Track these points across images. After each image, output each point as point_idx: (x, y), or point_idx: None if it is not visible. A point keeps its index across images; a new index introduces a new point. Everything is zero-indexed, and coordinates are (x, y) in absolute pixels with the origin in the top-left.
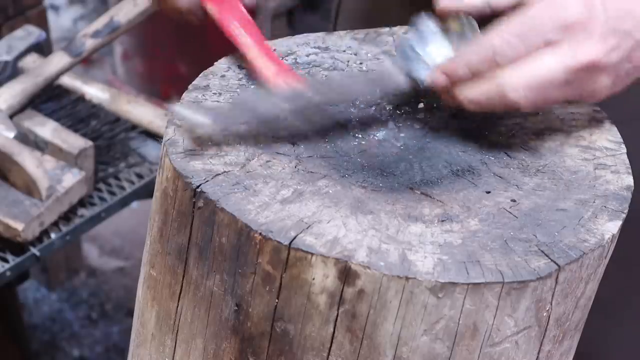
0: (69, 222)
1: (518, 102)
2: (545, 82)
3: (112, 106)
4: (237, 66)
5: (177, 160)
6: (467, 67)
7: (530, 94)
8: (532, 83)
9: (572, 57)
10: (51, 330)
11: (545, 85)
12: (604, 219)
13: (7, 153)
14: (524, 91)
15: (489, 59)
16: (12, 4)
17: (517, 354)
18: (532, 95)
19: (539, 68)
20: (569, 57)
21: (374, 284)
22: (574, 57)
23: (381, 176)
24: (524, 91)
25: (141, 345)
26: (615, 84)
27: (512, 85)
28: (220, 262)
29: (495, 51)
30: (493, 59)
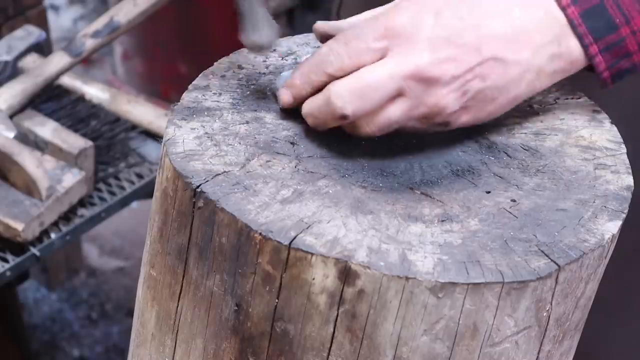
0: (69, 222)
1: (343, 109)
2: (370, 88)
3: (112, 106)
4: (237, 66)
5: (177, 160)
6: (302, 77)
7: (356, 101)
8: (356, 89)
9: (396, 64)
10: (51, 330)
11: (370, 91)
12: (604, 219)
13: (7, 153)
14: (349, 97)
15: (317, 66)
16: (12, 4)
17: (517, 354)
18: (358, 103)
19: (363, 75)
20: (393, 64)
21: (374, 284)
22: (397, 64)
23: (381, 176)
24: (349, 97)
25: (141, 345)
26: (468, 103)
27: (336, 91)
28: (220, 262)
29: (321, 58)
30: (320, 67)
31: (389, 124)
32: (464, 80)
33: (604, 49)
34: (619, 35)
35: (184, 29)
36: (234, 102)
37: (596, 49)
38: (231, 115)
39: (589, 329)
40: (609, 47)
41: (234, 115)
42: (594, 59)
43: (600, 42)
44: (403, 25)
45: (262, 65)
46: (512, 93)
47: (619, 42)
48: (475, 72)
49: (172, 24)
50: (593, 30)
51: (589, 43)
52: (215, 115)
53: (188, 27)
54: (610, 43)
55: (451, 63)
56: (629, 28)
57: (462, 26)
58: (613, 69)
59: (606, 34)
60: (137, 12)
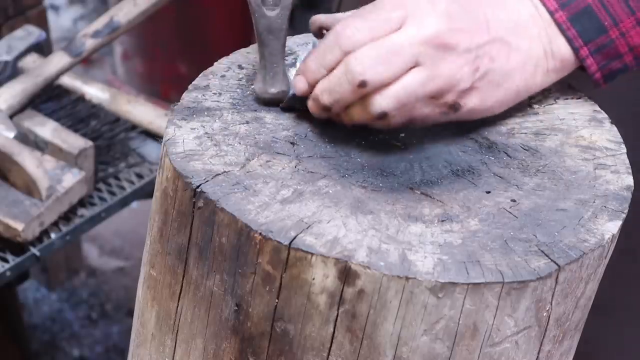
0: (69, 222)
1: (363, 74)
2: (390, 54)
3: (112, 106)
4: (237, 66)
5: (177, 160)
6: (317, 59)
7: (376, 66)
8: (376, 54)
9: (416, 30)
10: (51, 330)
11: (390, 56)
12: (604, 219)
13: (7, 153)
14: (369, 62)
15: (334, 45)
16: (12, 4)
17: (517, 354)
18: (378, 68)
19: (382, 42)
20: (413, 30)
21: (374, 284)
22: (417, 31)
23: (381, 176)
24: (369, 62)
25: (141, 345)
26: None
27: (356, 58)
28: (220, 262)
29: (337, 36)
30: (337, 44)
31: (405, 96)
32: (476, 55)
33: (594, 51)
34: (609, 37)
35: (184, 29)
36: (234, 102)
37: (587, 51)
38: (231, 115)
39: (589, 329)
40: (600, 49)
41: (234, 115)
42: (585, 60)
43: (591, 44)
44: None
45: None
46: (515, 81)
47: (609, 44)
48: (485, 49)
49: (172, 24)
50: (582, 34)
51: (579, 46)
52: (215, 115)
53: (188, 27)
54: (601, 45)
55: (466, 34)
56: (618, 30)
57: (472, 7)
58: (605, 69)
59: (596, 37)
60: (137, 12)
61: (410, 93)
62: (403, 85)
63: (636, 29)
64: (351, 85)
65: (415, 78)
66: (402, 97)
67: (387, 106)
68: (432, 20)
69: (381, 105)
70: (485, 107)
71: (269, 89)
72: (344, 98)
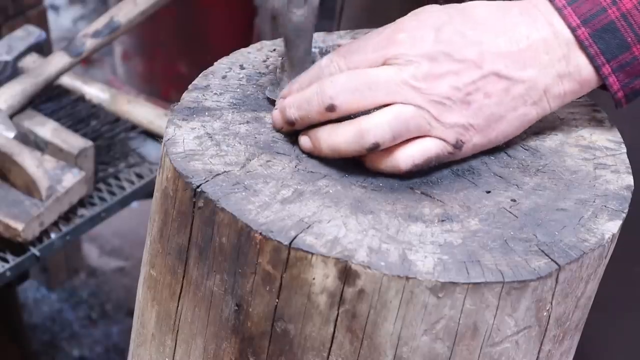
0: (69, 222)
1: (333, 99)
2: (365, 86)
3: (112, 106)
4: (238, 66)
5: (177, 160)
6: (299, 85)
7: (348, 94)
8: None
9: (394, 72)
10: (51, 330)
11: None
12: (604, 218)
13: (7, 153)
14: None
15: (315, 77)
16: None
17: (518, 354)
18: (349, 96)
19: (359, 73)
20: (392, 71)
21: (374, 283)
22: (395, 72)
23: (381, 176)
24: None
25: (141, 345)
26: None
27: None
28: (221, 262)
29: (320, 70)
30: (319, 77)
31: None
32: (466, 92)
33: (617, 69)
34: (632, 54)
35: (184, 29)
36: (234, 102)
37: (609, 69)
38: (231, 115)
39: (589, 329)
40: (622, 67)
41: (234, 115)
42: (608, 79)
43: (613, 62)
44: (403, 40)
45: (262, 65)
46: (519, 111)
47: (632, 62)
48: (477, 85)
49: (172, 24)
50: (605, 51)
51: (602, 64)
52: (216, 115)
53: (188, 27)
54: (623, 62)
55: (451, 75)
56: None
57: (463, 43)
58: (627, 88)
59: (619, 54)
60: (137, 12)
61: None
62: (390, 113)
63: None
64: (319, 105)
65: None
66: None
67: (378, 135)
68: (410, 67)
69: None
70: (489, 140)
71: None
72: (310, 116)
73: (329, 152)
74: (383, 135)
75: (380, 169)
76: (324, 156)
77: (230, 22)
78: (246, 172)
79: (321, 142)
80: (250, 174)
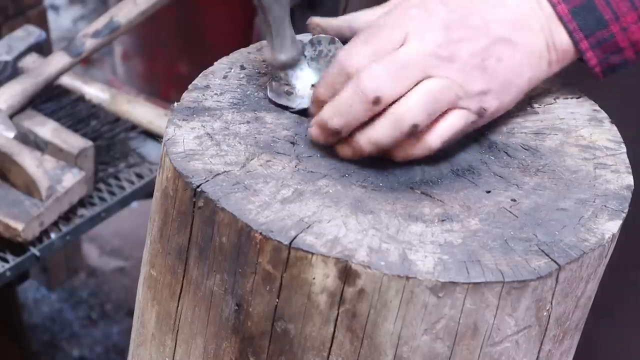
0: (69, 222)
1: (377, 91)
2: (401, 67)
3: (112, 106)
4: (238, 66)
5: (177, 160)
6: (325, 86)
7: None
8: (388, 69)
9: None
10: (51, 330)
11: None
12: (604, 218)
13: (7, 153)
14: (382, 78)
15: (339, 73)
16: (12, 4)
17: (518, 354)
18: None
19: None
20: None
21: (375, 283)
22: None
23: (381, 175)
24: (382, 78)
25: (141, 345)
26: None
27: (369, 74)
28: (221, 262)
29: (342, 64)
30: (344, 72)
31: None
32: (481, 58)
33: (594, 45)
34: (609, 31)
35: (184, 29)
36: (235, 101)
37: (587, 44)
38: (231, 115)
39: (589, 329)
40: (600, 43)
41: (235, 115)
42: (585, 54)
43: (591, 38)
44: (417, 14)
45: (262, 65)
46: (526, 74)
47: (610, 38)
48: (489, 51)
49: (172, 24)
50: (583, 27)
51: (580, 39)
52: (216, 115)
53: (188, 27)
54: (601, 39)
55: (467, 42)
56: (619, 24)
57: (469, 12)
58: (604, 63)
59: (596, 30)
60: (137, 12)
61: (432, 99)
62: (422, 92)
63: (638, 24)
64: (364, 103)
65: (433, 85)
66: (426, 105)
67: (414, 117)
68: (431, 35)
69: (411, 117)
70: (504, 106)
71: (279, 57)
72: (357, 118)
73: (371, 148)
74: (418, 115)
75: (413, 155)
76: (367, 155)
77: (230, 22)
78: (246, 172)
79: (361, 144)
80: (250, 174)
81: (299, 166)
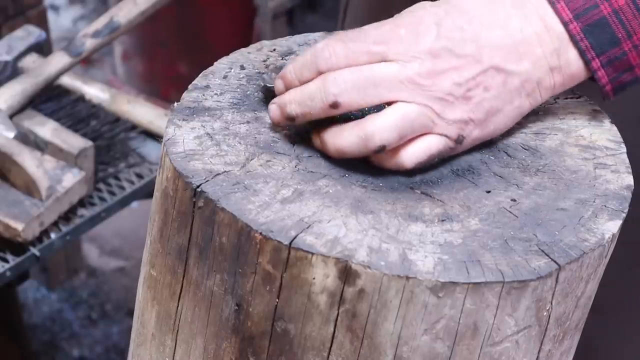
0: (69, 222)
1: (337, 96)
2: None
3: (112, 106)
4: (238, 66)
5: (177, 160)
6: (294, 71)
7: (352, 91)
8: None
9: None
10: (51, 330)
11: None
12: (604, 218)
13: (7, 153)
14: (345, 85)
15: (310, 62)
16: (12, 4)
17: (518, 354)
18: (353, 93)
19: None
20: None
21: (375, 283)
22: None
23: (381, 175)
24: (345, 85)
25: (141, 345)
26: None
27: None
28: (221, 262)
29: (316, 54)
30: (314, 62)
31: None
32: (467, 88)
33: (606, 63)
34: (621, 49)
35: (184, 29)
36: (235, 101)
37: (598, 63)
38: (231, 115)
39: (589, 329)
40: (611, 61)
41: (235, 115)
42: (597, 73)
43: (603, 56)
44: (404, 35)
45: (262, 65)
46: (515, 103)
47: (621, 56)
48: (477, 80)
49: (172, 24)
50: (595, 46)
51: (591, 58)
52: (216, 115)
53: (188, 27)
54: (613, 57)
55: (453, 71)
56: (631, 42)
57: (463, 37)
58: (615, 82)
59: (608, 49)
60: (137, 12)
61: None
62: (397, 115)
63: None
64: (323, 103)
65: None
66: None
67: (384, 138)
68: (415, 63)
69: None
70: (486, 134)
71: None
72: (313, 112)
73: (335, 153)
74: (389, 137)
75: (385, 167)
76: (331, 157)
77: (230, 22)
78: (246, 172)
79: (328, 145)
80: (250, 174)
81: (299, 166)
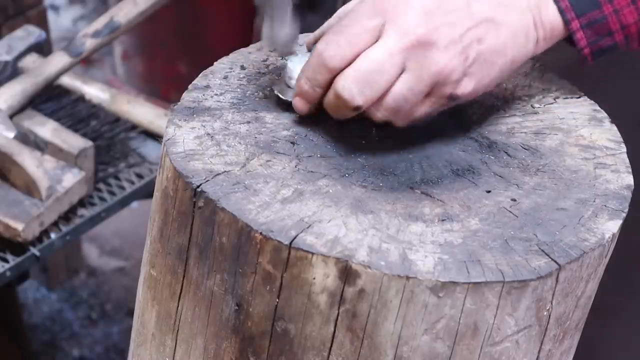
0: (69, 222)
1: (353, 101)
2: (374, 73)
3: (112, 106)
4: (238, 66)
5: (177, 160)
6: (309, 82)
7: (364, 90)
8: (360, 77)
9: (394, 40)
10: (51, 330)
11: (374, 76)
12: (604, 218)
13: (7, 153)
14: (356, 88)
15: (319, 65)
16: (12, 4)
17: (518, 353)
18: (366, 91)
19: (363, 61)
20: (391, 41)
21: (375, 283)
22: (395, 40)
23: (381, 175)
24: (356, 88)
25: (141, 345)
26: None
27: (342, 85)
28: (221, 262)
29: (321, 55)
30: (322, 64)
31: (397, 105)
32: (462, 45)
33: (585, 25)
34: (602, 12)
35: (184, 29)
36: (235, 101)
37: (578, 24)
38: (231, 115)
39: (589, 328)
40: (591, 24)
41: (235, 115)
42: (575, 34)
43: (583, 17)
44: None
45: (262, 65)
46: (509, 55)
47: (601, 20)
48: (471, 34)
49: (172, 24)
50: (575, 6)
51: (571, 18)
52: (216, 115)
53: (188, 27)
54: (592, 20)
55: (447, 27)
56: (612, 6)
57: None
58: (594, 46)
59: (588, 11)
60: (137, 12)
61: (401, 100)
62: (393, 96)
63: (630, 7)
64: (347, 109)
65: (404, 84)
66: (394, 106)
67: (386, 118)
68: (409, 24)
69: (379, 118)
70: (483, 86)
71: (277, 36)
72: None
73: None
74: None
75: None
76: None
77: (230, 22)
78: (246, 171)
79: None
80: (250, 174)
81: (299, 166)
